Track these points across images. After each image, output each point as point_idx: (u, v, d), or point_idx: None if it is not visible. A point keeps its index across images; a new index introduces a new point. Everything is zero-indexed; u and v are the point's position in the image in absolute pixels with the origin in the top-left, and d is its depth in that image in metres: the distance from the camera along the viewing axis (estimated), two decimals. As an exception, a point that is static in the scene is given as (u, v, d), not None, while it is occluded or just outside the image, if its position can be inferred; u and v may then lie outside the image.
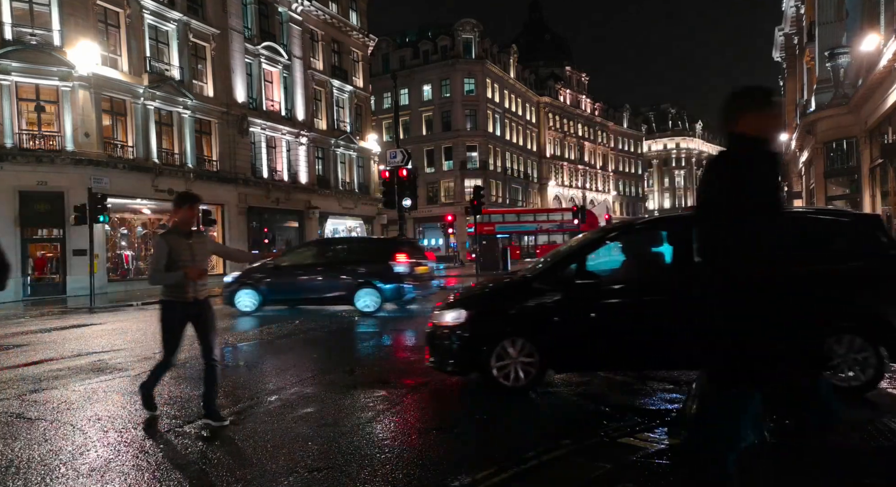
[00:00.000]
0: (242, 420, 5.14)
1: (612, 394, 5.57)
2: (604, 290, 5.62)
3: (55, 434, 4.85)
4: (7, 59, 21.23)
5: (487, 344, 5.53)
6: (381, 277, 13.01)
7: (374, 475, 3.80)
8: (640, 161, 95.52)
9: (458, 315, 5.74)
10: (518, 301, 5.74)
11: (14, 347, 9.82)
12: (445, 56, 57.56)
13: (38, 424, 5.17)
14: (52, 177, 21.95)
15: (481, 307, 5.90)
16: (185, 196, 5.11)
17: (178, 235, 4.99)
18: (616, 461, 3.84)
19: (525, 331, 5.56)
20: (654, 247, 6.18)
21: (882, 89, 18.55)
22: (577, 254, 5.84)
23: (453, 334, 5.68)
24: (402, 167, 21.04)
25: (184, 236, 4.99)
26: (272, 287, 13.49)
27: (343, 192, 38.47)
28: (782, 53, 42.34)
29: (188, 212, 5.05)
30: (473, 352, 5.59)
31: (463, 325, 5.66)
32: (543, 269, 5.93)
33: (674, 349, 5.37)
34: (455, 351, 5.69)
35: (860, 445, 3.99)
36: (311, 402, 5.63)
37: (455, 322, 5.70)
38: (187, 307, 4.95)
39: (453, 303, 6.00)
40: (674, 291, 5.38)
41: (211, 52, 28.97)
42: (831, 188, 27.01)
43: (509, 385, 5.50)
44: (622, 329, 5.47)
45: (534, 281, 5.77)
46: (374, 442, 4.46)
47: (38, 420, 5.27)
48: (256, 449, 4.35)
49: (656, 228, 6.47)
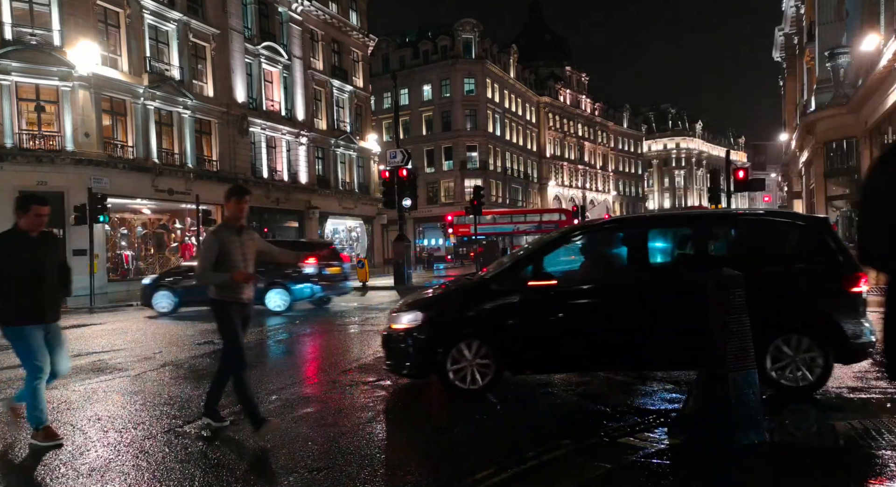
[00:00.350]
0: (242, 420, 5.14)
1: (612, 394, 5.57)
2: (560, 292, 5.59)
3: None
4: (7, 59, 21.24)
5: (444, 346, 5.47)
6: (291, 278, 13.70)
7: (374, 475, 3.80)
8: (640, 161, 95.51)
9: (414, 317, 5.66)
10: (475, 303, 5.70)
11: (14, 347, 9.81)
12: (445, 56, 57.56)
13: (38, 424, 5.16)
14: (52, 177, 21.95)
15: (438, 309, 5.83)
16: (233, 189, 4.79)
17: (229, 232, 4.68)
18: (616, 461, 3.84)
19: (481, 333, 5.53)
20: (612, 249, 6.21)
21: (882, 89, 18.55)
22: (533, 256, 5.83)
23: (409, 337, 5.60)
24: (402, 167, 21.05)
25: (235, 233, 4.69)
26: (189, 288, 13.72)
27: (343, 192, 38.47)
28: (782, 53, 42.32)
29: (237, 205, 4.71)
30: (430, 355, 5.51)
31: (419, 328, 5.58)
32: (500, 271, 5.90)
33: (628, 350, 5.47)
34: (411, 354, 5.60)
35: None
36: (311, 402, 5.63)
37: (411, 324, 5.62)
38: (238, 307, 4.66)
39: (410, 306, 5.90)
40: (629, 292, 5.48)
41: (211, 52, 28.97)
42: (831, 188, 27.00)
43: (465, 387, 5.46)
44: (577, 330, 5.47)
45: (491, 283, 5.73)
46: (374, 442, 4.47)
47: (38, 420, 5.26)
48: (257, 449, 4.36)
49: (614, 229, 6.51)
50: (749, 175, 21.37)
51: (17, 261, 4.48)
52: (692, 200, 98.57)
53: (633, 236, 5.86)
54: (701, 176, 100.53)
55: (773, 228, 5.94)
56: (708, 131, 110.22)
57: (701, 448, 4.04)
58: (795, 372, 5.15)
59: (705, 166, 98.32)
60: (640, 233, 5.82)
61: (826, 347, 5.14)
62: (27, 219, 4.55)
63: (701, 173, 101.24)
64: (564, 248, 6.01)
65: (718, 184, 23.33)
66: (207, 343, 9.59)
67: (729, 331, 4.02)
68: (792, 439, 4.19)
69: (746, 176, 20.89)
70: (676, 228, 6.24)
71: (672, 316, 5.29)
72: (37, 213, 4.56)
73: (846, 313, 5.27)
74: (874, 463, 3.67)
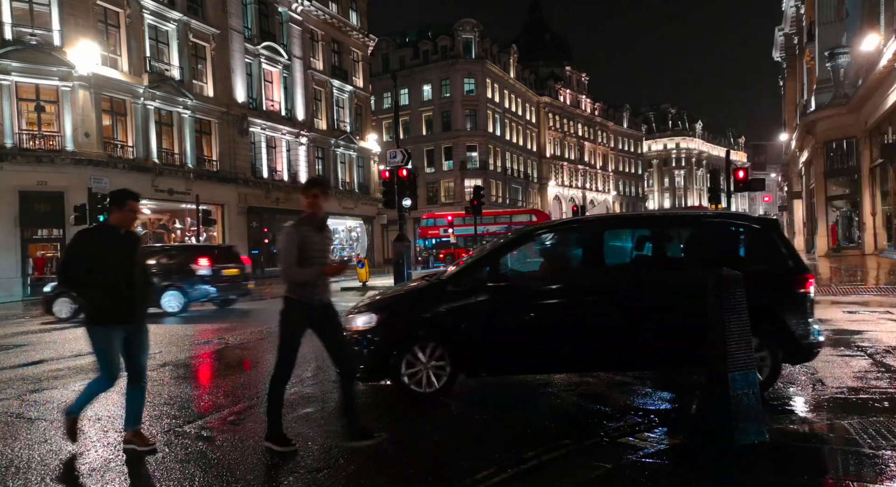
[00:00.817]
0: (243, 420, 5.14)
1: (612, 394, 5.56)
2: (517, 292, 5.57)
3: (55, 434, 4.83)
4: (7, 59, 21.25)
5: (399, 348, 5.37)
6: (185, 280, 14.03)
7: (375, 475, 3.80)
8: (640, 161, 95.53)
9: (368, 319, 5.53)
10: (431, 304, 5.58)
11: (14, 347, 9.82)
12: (445, 56, 57.58)
13: (38, 424, 5.16)
14: (52, 177, 21.97)
15: (393, 311, 5.69)
16: (311, 181, 4.45)
17: (309, 228, 4.31)
18: (616, 461, 3.84)
19: (437, 336, 5.43)
20: (569, 250, 6.20)
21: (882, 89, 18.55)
22: (491, 257, 5.79)
23: (364, 339, 5.45)
24: (402, 167, 21.02)
25: (316, 229, 4.33)
26: None
27: (343, 192, 38.48)
28: (782, 53, 42.33)
29: (314, 199, 4.32)
30: (384, 358, 5.39)
31: (374, 330, 5.46)
32: (457, 271, 5.81)
33: (584, 351, 5.41)
34: (365, 357, 5.42)
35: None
36: (311, 402, 5.63)
37: (365, 326, 5.50)
38: (312, 310, 4.32)
39: (365, 307, 5.77)
40: (584, 293, 5.43)
41: (211, 52, 28.98)
42: (831, 188, 27.01)
43: (421, 391, 5.36)
44: (533, 331, 5.42)
45: (448, 284, 5.62)
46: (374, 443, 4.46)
47: (38, 420, 5.27)
48: (256, 449, 4.35)
49: (571, 230, 6.48)
50: (749, 175, 21.35)
51: (109, 258, 4.20)
52: (692, 200, 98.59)
53: (590, 237, 5.82)
54: (701, 176, 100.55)
55: (727, 230, 5.99)
56: (708, 131, 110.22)
57: (701, 448, 4.04)
58: None
59: (705, 166, 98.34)
60: (597, 235, 5.79)
61: (775, 347, 5.16)
62: (122, 215, 4.29)
63: (701, 173, 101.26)
64: (524, 248, 6.01)
65: (718, 184, 23.33)
66: (207, 343, 9.60)
67: (729, 331, 4.02)
68: (792, 439, 4.19)
69: (746, 176, 20.88)
70: (633, 229, 6.23)
71: (627, 316, 5.35)
72: (131, 209, 4.31)
73: (795, 314, 5.28)
74: (874, 463, 3.67)
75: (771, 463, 3.77)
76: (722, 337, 4.03)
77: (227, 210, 29.42)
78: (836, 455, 3.87)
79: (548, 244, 6.24)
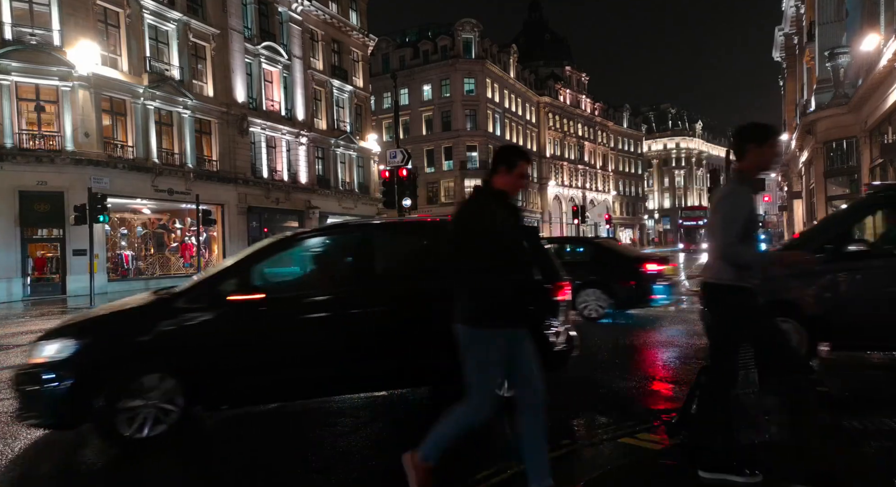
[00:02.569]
0: (243, 420, 5.14)
1: (612, 395, 5.57)
2: (266, 307, 4.73)
3: (55, 433, 4.83)
4: (7, 59, 21.24)
5: (107, 383, 4.22)
6: None
7: (375, 474, 3.80)
8: (640, 161, 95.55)
9: (62, 347, 4.30)
10: (152, 325, 4.53)
11: (14, 347, 9.82)
12: (445, 56, 57.60)
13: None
14: (52, 177, 21.96)
15: (97, 335, 4.55)
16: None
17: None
18: (616, 461, 3.84)
19: (161, 364, 4.42)
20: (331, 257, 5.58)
21: (882, 89, 18.55)
22: (238, 267, 4.93)
23: (57, 374, 4.22)
24: (402, 167, 21.03)
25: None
26: None
27: (343, 192, 38.48)
28: (782, 53, 42.35)
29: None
30: (87, 397, 4.18)
31: (69, 361, 4.25)
32: (192, 285, 4.94)
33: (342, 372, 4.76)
34: (59, 398, 4.21)
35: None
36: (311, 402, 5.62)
37: (59, 357, 4.26)
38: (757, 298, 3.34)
39: (57, 331, 4.61)
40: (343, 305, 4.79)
41: (211, 51, 28.98)
42: (831, 188, 27.01)
43: (142, 436, 4.24)
44: (284, 352, 4.64)
45: (177, 300, 4.69)
46: (374, 443, 4.46)
47: (38, 420, 5.25)
48: (257, 449, 4.35)
49: (332, 236, 5.82)
50: (749, 175, 21.35)
51: (506, 236, 3.04)
52: (692, 200, 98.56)
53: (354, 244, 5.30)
54: (701, 175, 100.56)
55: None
56: (708, 131, 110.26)
57: (701, 448, 4.03)
58: None
59: (705, 166, 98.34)
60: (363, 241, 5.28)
61: None
62: (510, 179, 3.13)
63: (701, 173, 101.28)
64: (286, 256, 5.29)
65: (718, 184, 23.34)
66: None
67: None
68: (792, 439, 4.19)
69: (746, 176, 20.88)
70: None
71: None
72: (521, 173, 3.14)
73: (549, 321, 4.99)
74: (873, 463, 3.67)
75: (771, 463, 3.77)
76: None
77: (227, 210, 29.42)
78: (836, 455, 3.86)
79: (310, 251, 5.51)
